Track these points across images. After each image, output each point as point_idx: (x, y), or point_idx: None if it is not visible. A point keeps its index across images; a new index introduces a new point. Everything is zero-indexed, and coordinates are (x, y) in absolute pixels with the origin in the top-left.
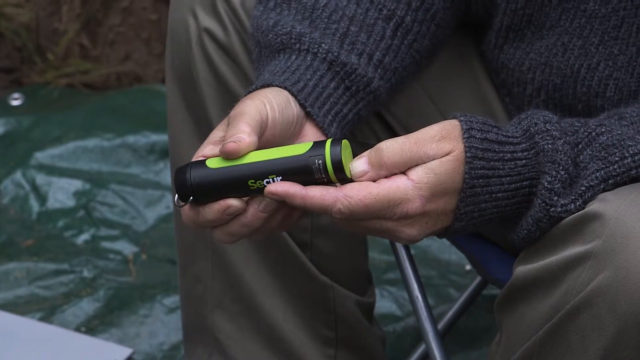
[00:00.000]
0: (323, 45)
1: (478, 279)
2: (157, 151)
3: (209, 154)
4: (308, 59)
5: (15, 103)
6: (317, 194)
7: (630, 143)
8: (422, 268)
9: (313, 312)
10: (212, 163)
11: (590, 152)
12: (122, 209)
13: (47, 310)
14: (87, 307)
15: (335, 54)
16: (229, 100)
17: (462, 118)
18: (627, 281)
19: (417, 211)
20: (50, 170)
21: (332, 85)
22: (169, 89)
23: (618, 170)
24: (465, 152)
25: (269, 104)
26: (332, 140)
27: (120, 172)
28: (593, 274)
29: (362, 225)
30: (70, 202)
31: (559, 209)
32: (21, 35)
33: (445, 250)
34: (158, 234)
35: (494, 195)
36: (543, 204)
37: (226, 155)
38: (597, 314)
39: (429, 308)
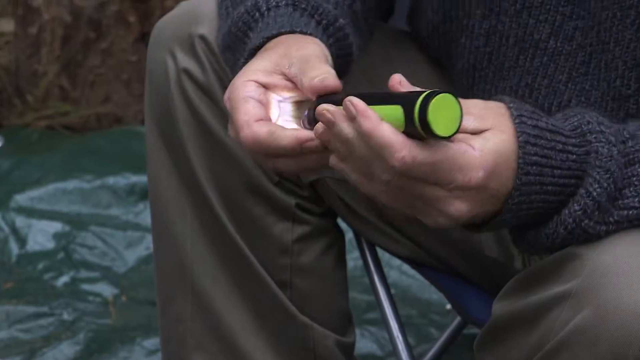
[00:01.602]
0: None
1: (458, 318)
2: (137, 192)
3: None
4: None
5: None
6: (388, 131)
7: None
8: (403, 307)
9: (293, 351)
10: None
11: (629, 175)
12: (102, 251)
13: (26, 353)
14: (67, 350)
15: None
16: (208, 139)
17: (511, 104)
18: (606, 320)
19: (478, 183)
20: (30, 212)
21: (311, 24)
22: (148, 129)
23: None
24: (518, 136)
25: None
26: (422, 101)
27: (100, 214)
28: (572, 314)
29: (414, 188)
30: (50, 245)
31: (592, 223)
32: (0, 78)
33: (426, 290)
34: (138, 275)
35: (544, 187)
36: (581, 212)
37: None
38: (576, 354)
39: (409, 348)
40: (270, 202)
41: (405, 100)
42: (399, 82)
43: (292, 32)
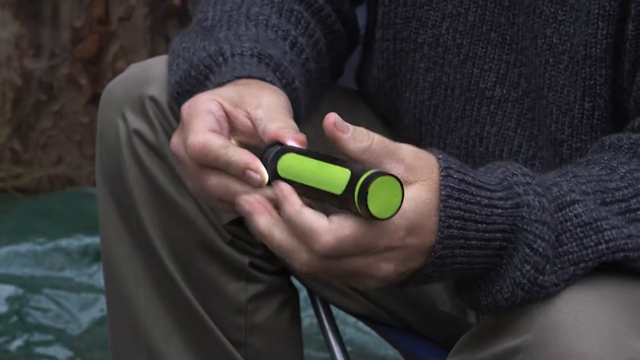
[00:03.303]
0: (244, 45)
1: None
2: (91, 254)
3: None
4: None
5: None
6: (310, 216)
7: (605, 226)
8: None
9: None
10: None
11: (562, 220)
12: (56, 314)
13: None
14: None
15: (260, 48)
16: (160, 200)
17: (440, 156)
18: None
19: (400, 243)
20: None
21: (275, 79)
22: (100, 191)
23: (591, 255)
24: (441, 190)
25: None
26: (361, 185)
27: (54, 276)
28: None
29: (340, 264)
30: (3, 308)
31: (546, 278)
32: None
33: (382, 346)
34: (93, 337)
35: (468, 242)
36: (532, 271)
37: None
38: None
39: None
40: (223, 262)
41: (351, 171)
42: (334, 124)
43: (262, 79)
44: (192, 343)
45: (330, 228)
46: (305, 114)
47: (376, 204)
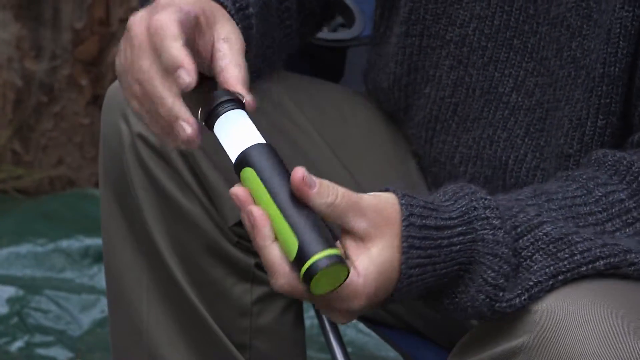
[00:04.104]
0: None
1: None
2: (91, 255)
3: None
4: None
5: None
6: (276, 256)
7: (577, 239)
8: None
9: None
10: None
11: (532, 241)
12: (57, 315)
13: None
14: None
15: None
16: (166, 203)
17: (403, 201)
18: None
19: (361, 306)
20: None
21: (229, 3)
22: (103, 194)
23: (568, 266)
24: (402, 241)
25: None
26: (307, 270)
27: (54, 277)
28: None
29: (304, 295)
30: (4, 309)
31: (504, 304)
32: None
33: (382, 348)
34: (93, 338)
35: (425, 280)
36: (487, 300)
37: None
38: None
39: None
40: (229, 264)
41: (299, 244)
42: (302, 179)
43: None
44: (195, 346)
45: (289, 276)
46: (258, 49)
47: (320, 287)
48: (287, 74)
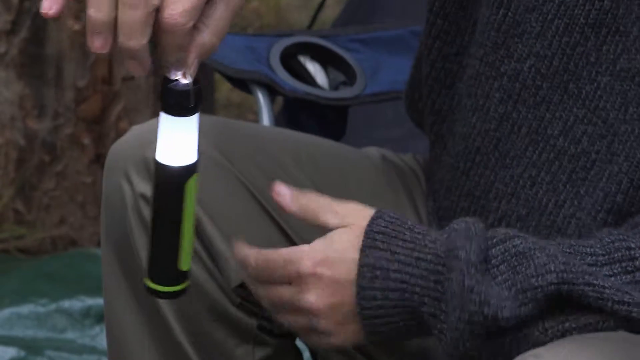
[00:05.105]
0: None
1: None
2: (93, 315)
3: None
4: None
5: None
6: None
7: (538, 254)
8: None
9: None
10: None
11: (502, 251)
12: None
13: None
14: None
15: None
16: None
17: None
18: None
19: (307, 270)
20: None
21: None
22: (104, 255)
23: (521, 278)
24: (366, 230)
25: None
26: None
27: (56, 338)
28: None
29: (269, 291)
30: None
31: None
32: None
33: None
34: None
35: (389, 281)
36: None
37: None
38: None
39: None
40: (231, 325)
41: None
42: (278, 194)
43: None
44: None
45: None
46: None
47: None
48: (283, 131)
